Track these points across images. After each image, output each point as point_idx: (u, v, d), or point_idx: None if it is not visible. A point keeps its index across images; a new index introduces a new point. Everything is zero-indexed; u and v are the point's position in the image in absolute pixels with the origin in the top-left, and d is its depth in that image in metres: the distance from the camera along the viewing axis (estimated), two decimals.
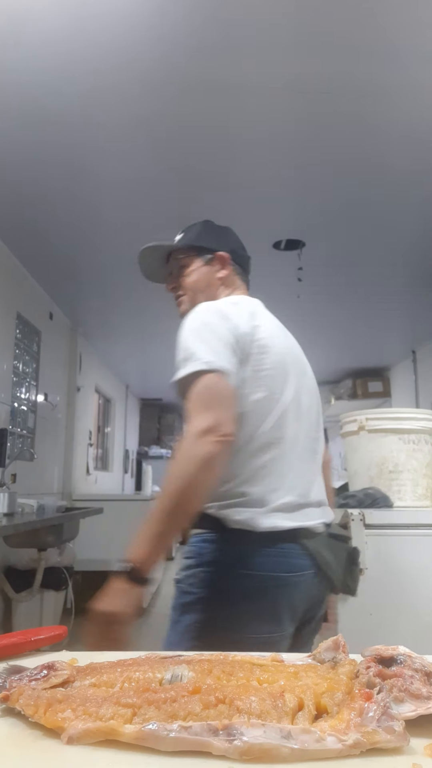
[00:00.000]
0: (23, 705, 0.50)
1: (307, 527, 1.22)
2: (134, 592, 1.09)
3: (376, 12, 1.91)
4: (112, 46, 2.06)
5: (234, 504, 1.18)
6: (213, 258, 1.44)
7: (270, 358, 1.27)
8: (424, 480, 2.06)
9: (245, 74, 2.19)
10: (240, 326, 1.25)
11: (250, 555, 1.16)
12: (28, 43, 2.04)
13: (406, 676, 0.51)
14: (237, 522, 1.17)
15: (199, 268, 1.44)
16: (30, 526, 2.76)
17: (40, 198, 3.14)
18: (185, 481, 1.07)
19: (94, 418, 6.94)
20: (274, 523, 1.17)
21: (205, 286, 1.43)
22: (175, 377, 1.17)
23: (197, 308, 1.28)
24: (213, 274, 1.43)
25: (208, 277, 1.44)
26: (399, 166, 2.83)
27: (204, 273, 1.44)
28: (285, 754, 0.43)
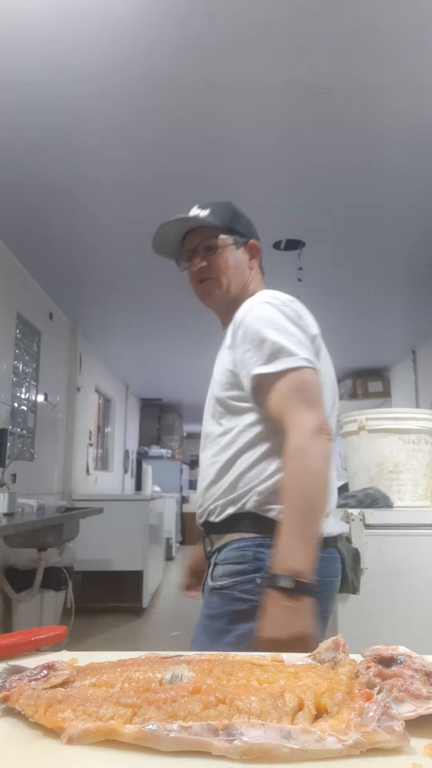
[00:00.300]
0: (23, 705, 0.50)
1: (343, 532, 1.25)
2: (306, 604, 0.99)
3: (378, 12, 1.91)
4: (113, 48, 2.06)
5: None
6: (245, 245, 1.35)
7: (323, 364, 1.25)
8: (424, 480, 2.06)
9: (244, 75, 2.19)
10: (311, 327, 1.22)
11: (323, 561, 1.11)
12: (29, 44, 2.04)
13: (406, 676, 0.51)
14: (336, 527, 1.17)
15: (234, 252, 1.32)
16: (30, 526, 2.76)
17: (40, 198, 3.14)
18: (316, 479, 1.04)
19: (94, 418, 6.94)
20: (331, 529, 1.17)
21: (238, 273, 1.33)
22: (268, 369, 1.11)
23: (267, 298, 1.21)
24: (245, 262, 1.35)
25: (242, 265, 1.34)
26: (399, 167, 2.83)
27: (239, 259, 1.33)
28: (285, 754, 0.43)
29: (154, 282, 4.32)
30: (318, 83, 2.24)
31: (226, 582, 1.14)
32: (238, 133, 2.57)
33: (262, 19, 1.94)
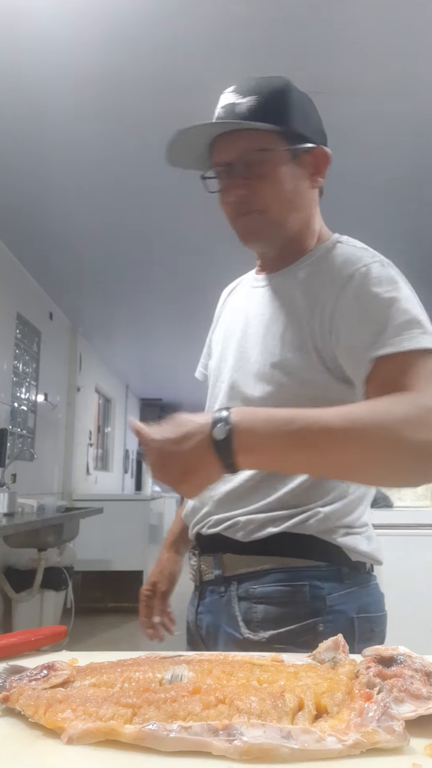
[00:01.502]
0: (23, 705, 0.50)
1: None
2: (212, 467, 0.70)
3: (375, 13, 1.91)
4: (113, 48, 2.06)
5: (359, 531, 0.89)
6: (310, 154, 0.91)
7: None
8: None
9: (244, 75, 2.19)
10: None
11: (368, 592, 0.90)
12: (30, 44, 2.04)
13: (406, 676, 0.51)
14: (363, 554, 0.89)
15: (293, 169, 0.89)
16: (30, 526, 2.76)
17: (40, 198, 3.14)
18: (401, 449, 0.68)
19: (94, 418, 6.94)
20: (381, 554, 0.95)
21: (299, 201, 0.91)
22: (406, 346, 0.76)
23: (373, 256, 0.90)
24: (308, 183, 0.92)
25: (303, 188, 0.91)
26: (399, 167, 2.82)
27: (298, 178, 0.90)
28: (285, 754, 0.43)
29: (154, 282, 4.32)
30: (317, 83, 2.24)
31: (273, 633, 0.83)
32: None
33: (256, 20, 1.94)
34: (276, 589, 0.84)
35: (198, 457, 0.70)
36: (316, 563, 0.85)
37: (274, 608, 0.84)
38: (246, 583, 0.86)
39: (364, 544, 0.88)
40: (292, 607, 0.84)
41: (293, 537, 0.84)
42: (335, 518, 0.85)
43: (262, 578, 0.85)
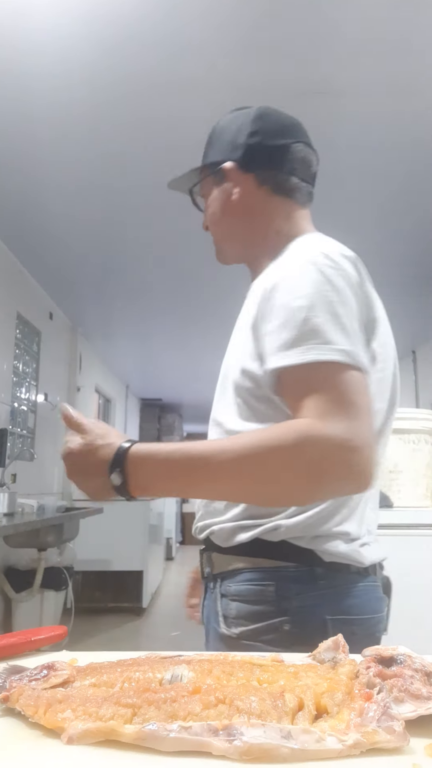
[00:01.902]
0: (23, 705, 0.50)
1: (383, 559, 0.97)
2: (106, 485, 0.78)
3: (375, 13, 1.91)
4: (115, 47, 2.06)
5: (335, 537, 0.87)
6: (224, 173, 0.98)
7: (381, 363, 0.88)
8: (424, 480, 2.06)
9: (244, 75, 2.19)
10: (373, 306, 0.87)
11: (348, 594, 0.88)
12: (29, 43, 2.04)
13: (406, 676, 0.51)
14: (338, 555, 0.87)
15: (218, 191, 1.00)
16: (30, 526, 2.77)
17: (41, 198, 3.14)
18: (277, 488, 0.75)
19: (94, 418, 6.94)
20: (373, 555, 0.92)
21: (236, 217, 0.99)
22: (289, 361, 0.76)
23: (312, 255, 0.86)
24: (241, 197, 0.97)
25: (234, 204, 0.98)
26: (399, 167, 2.83)
27: (226, 197, 0.98)
28: (285, 754, 0.43)
29: (154, 282, 4.32)
30: (316, 83, 2.24)
31: (243, 629, 0.86)
32: None
33: (254, 20, 1.94)
34: (246, 588, 0.87)
35: (99, 480, 0.77)
36: (285, 564, 0.86)
37: (245, 606, 0.87)
38: (226, 581, 0.90)
39: (341, 546, 0.87)
40: (259, 605, 0.86)
41: (262, 541, 0.86)
42: (301, 529, 0.85)
43: (235, 577, 0.88)
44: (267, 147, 0.94)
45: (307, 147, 0.98)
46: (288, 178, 0.95)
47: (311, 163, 0.98)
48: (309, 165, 0.98)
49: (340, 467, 0.71)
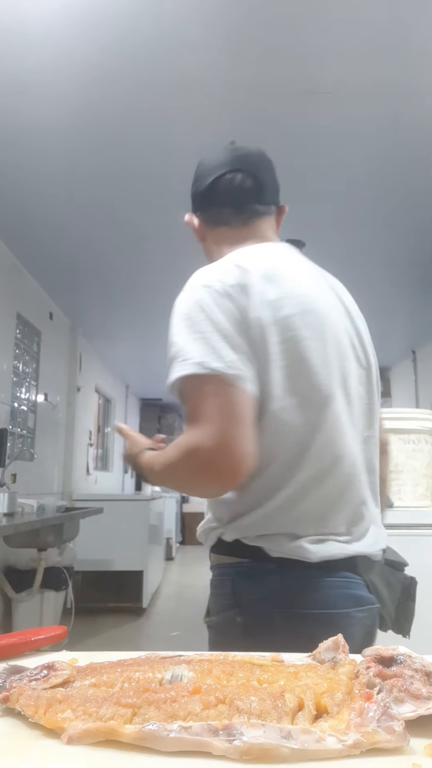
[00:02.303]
0: (23, 705, 0.50)
1: (364, 554, 0.96)
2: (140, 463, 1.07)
3: (379, 14, 1.91)
4: (118, 46, 2.06)
5: (277, 534, 0.92)
6: (195, 214, 1.14)
7: (295, 346, 0.92)
8: (424, 480, 2.06)
9: (245, 75, 2.19)
10: (255, 307, 0.92)
11: (303, 589, 0.90)
12: (29, 42, 2.04)
13: (406, 676, 0.51)
14: (281, 551, 0.91)
15: (197, 230, 1.15)
16: (30, 526, 2.76)
17: (40, 198, 3.14)
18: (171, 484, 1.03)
19: (94, 418, 6.94)
20: (324, 552, 0.92)
21: (205, 244, 1.14)
22: (167, 382, 0.92)
23: (193, 278, 0.97)
24: (203, 233, 1.14)
25: (207, 241, 1.14)
26: (399, 167, 2.83)
27: (201, 234, 1.14)
28: (285, 754, 0.43)
29: (154, 282, 4.32)
30: (317, 83, 2.24)
31: (210, 620, 0.98)
32: (238, 134, 2.57)
33: (258, 20, 1.94)
34: (216, 581, 0.99)
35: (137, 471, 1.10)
36: (240, 560, 0.94)
37: (214, 598, 0.99)
38: (212, 576, 1.02)
39: (285, 543, 0.91)
40: (220, 598, 0.97)
41: (222, 540, 0.97)
42: (245, 529, 0.94)
43: (214, 572, 1.01)
44: (197, 194, 1.11)
45: (237, 173, 1.06)
46: (220, 210, 1.09)
47: (244, 186, 1.07)
48: (241, 190, 1.07)
49: (197, 473, 0.87)
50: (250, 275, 0.94)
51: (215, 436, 0.84)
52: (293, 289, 0.96)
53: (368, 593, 0.96)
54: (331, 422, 0.93)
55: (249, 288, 0.92)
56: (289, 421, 0.91)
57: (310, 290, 1.00)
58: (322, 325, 0.96)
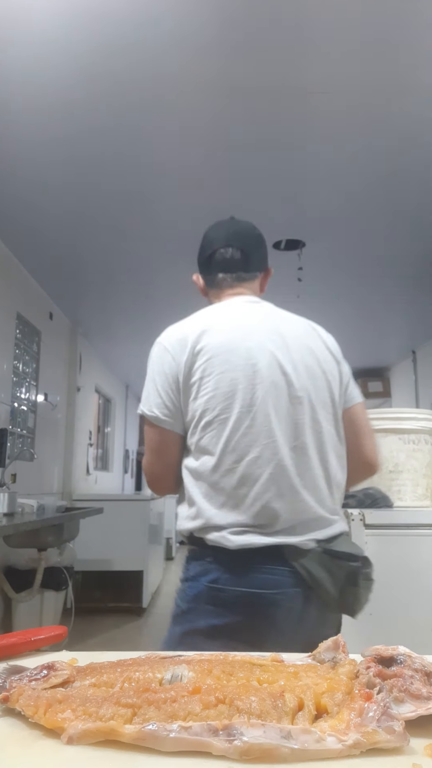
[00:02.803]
0: (23, 705, 0.50)
1: (290, 544, 1.15)
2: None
3: (382, 12, 1.91)
4: (121, 44, 2.06)
5: (207, 525, 1.18)
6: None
7: (214, 379, 1.20)
8: (424, 480, 2.06)
9: (248, 75, 2.19)
10: (176, 361, 1.24)
11: (223, 571, 1.15)
12: (30, 40, 2.04)
13: (406, 676, 0.51)
14: (211, 540, 1.16)
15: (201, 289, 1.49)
16: (30, 526, 2.76)
17: (41, 198, 3.14)
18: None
19: (94, 418, 6.94)
20: (243, 542, 1.14)
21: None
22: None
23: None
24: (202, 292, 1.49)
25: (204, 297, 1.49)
26: (399, 167, 2.83)
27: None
28: (285, 754, 0.43)
29: (154, 282, 4.32)
30: (318, 84, 2.24)
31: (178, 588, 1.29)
32: (238, 134, 2.57)
33: (262, 20, 1.94)
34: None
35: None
36: (192, 547, 1.23)
37: (181, 574, 1.27)
38: None
39: (213, 534, 1.17)
40: (181, 575, 1.25)
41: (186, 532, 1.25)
42: (190, 524, 1.21)
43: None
44: (201, 262, 1.45)
45: (230, 248, 1.39)
46: (216, 275, 1.40)
47: (234, 258, 1.38)
48: (232, 261, 1.38)
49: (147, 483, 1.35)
50: (191, 331, 1.26)
51: (145, 464, 1.32)
52: (219, 338, 1.24)
53: (292, 578, 1.15)
54: (246, 436, 1.18)
55: (187, 341, 1.25)
56: (208, 438, 1.20)
57: (237, 337, 1.25)
58: (235, 363, 1.22)
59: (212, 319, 1.29)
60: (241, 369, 1.21)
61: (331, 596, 1.18)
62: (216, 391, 1.20)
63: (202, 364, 1.22)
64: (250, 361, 1.22)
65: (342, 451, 1.32)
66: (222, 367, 1.21)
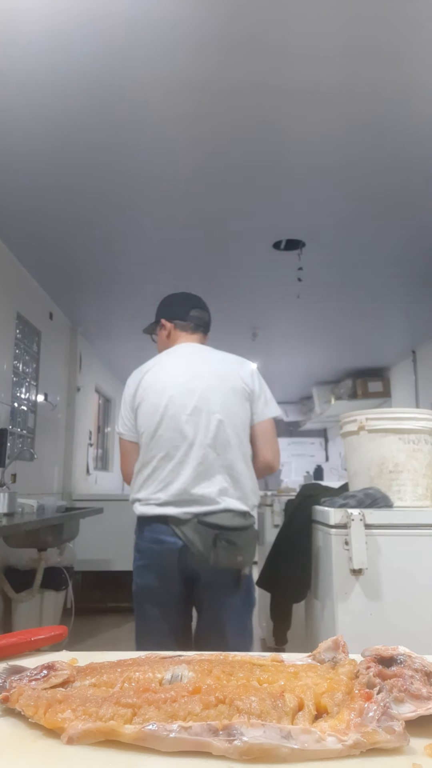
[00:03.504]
0: (23, 705, 0.50)
1: (172, 515, 1.78)
2: None
3: (404, 18, 1.91)
4: (126, 44, 2.06)
5: (134, 500, 1.93)
6: (160, 325, 2.12)
7: (146, 403, 1.90)
8: (424, 480, 2.06)
9: (252, 77, 2.19)
10: (129, 394, 1.99)
11: (139, 531, 1.88)
12: (31, 41, 2.04)
13: (406, 676, 0.51)
14: (135, 509, 1.89)
15: (159, 334, 2.14)
16: (30, 526, 2.76)
17: (41, 198, 3.14)
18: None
19: (94, 418, 6.94)
20: (143, 511, 1.84)
21: (161, 347, 2.12)
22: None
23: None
24: (162, 336, 2.11)
25: (160, 340, 2.13)
26: (399, 167, 2.83)
27: (159, 338, 2.15)
28: (285, 754, 0.43)
29: (154, 283, 4.32)
30: (319, 84, 2.24)
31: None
32: (239, 134, 2.57)
33: (278, 21, 1.94)
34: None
35: None
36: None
37: None
38: None
39: (136, 506, 1.90)
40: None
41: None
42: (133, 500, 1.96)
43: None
44: (179, 314, 2.12)
45: (199, 310, 2.11)
46: (186, 325, 2.09)
47: (202, 314, 2.11)
48: (200, 317, 2.10)
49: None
50: (146, 367, 1.99)
51: (122, 468, 2.05)
52: (157, 373, 1.94)
53: (173, 538, 1.77)
54: (158, 442, 1.84)
55: (141, 375, 1.97)
56: (142, 445, 1.90)
57: (169, 371, 1.93)
58: (163, 392, 1.87)
59: (161, 359, 2.03)
60: (165, 400, 1.87)
61: (200, 551, 1.75)
62: (146, 415, 1.90)
63: (142, 393, 1.95)
64: (172, 393, 1.87)
65: (249, 456, 1.89)
66: (151, 397, 1.91)
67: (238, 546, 1.75)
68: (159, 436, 1.82)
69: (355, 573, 1.66)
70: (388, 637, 0.92)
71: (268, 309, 5.00)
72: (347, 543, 1.66)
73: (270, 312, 5.08)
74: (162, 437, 1.81)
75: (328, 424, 9.40)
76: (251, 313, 5.12)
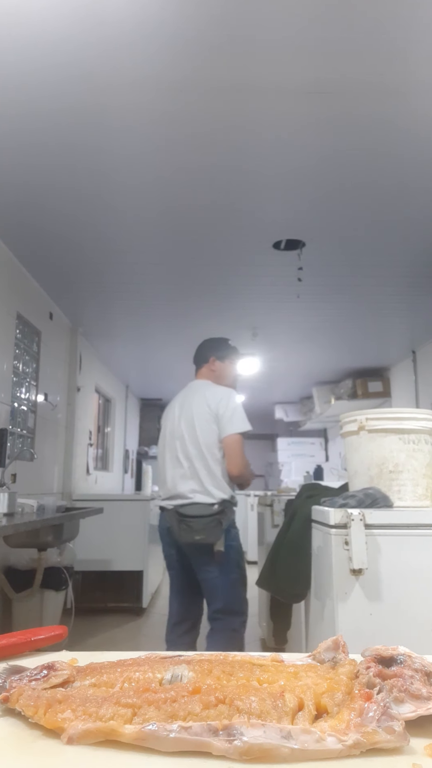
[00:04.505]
0: (23, 705, 0.50)
1: (162, 506, 2.74)
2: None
3: (393, 14, 1.91)
4: (121, 43, 2.06)
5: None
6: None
7: (162, 430, 2.82)
8: (424, 480, 2.06)
9: (252, 76, 2.19)
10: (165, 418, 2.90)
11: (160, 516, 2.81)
12: (32, 41, 2.04)
13: (406, 676, 0.51)
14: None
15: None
16: (30, 526, 2.76)
17: (41, 198, 3.14)
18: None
19: (94, 418, 6.94)
20: (158, 503, 2.78)
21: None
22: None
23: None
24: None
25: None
26: (399, 167, 2.83)
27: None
28: (285, 754, 0.43)
29: (154, 282, 4.32)
30: (320, 84, 2.24)
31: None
32: (239, 134, 2.57)
33: (274, 20, 1.94)
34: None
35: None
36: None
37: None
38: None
39: (160, 501, 2.89)
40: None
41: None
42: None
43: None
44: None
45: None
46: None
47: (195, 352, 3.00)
48: (194, 355, 2.98)
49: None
50: (172, 404, 2.91)
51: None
52: (172, 405, 2.85)
53: (164, 522, 2.73)
54: (164, 463, 2.80)
55: (170, 410, 2.88)
56: (160, 465, 2.86)
57: (175, 404, 2.80)
58: (168, 421, 2.82)
59: (175, 399, 2.91)
60: (169, 429, 2.79)
61: (175, 531, 2.61)
62: (161, 441, 2.88)
63: (163, 425, 2.91)
64: (173, 423, 2.77)
65: (211, 463, 2.60)
66: (164, 428, 2.82)
67: (194, 528, 2.51)
68: (164, 454, 2.85)
69: (355, 573, 1.66)
70: (388, 637, 0.92)
71: (268, 309, 5.00)
72: (347, 543, 1.66)
73: (270, 312, 5.08)
74: (165, 455, 2.84)
75: (328, 424, 9.39)
76: (251, 313, 5.12)
